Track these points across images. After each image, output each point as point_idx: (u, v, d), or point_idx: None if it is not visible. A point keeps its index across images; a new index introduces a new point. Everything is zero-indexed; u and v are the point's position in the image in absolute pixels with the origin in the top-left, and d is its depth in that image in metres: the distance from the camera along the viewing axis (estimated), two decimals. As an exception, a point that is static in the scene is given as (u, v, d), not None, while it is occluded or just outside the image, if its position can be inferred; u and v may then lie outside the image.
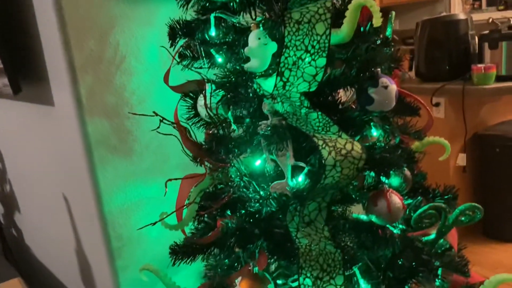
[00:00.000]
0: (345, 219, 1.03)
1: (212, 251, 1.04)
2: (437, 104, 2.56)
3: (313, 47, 0.86)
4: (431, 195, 1.06)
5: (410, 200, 0.99)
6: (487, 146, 2.64)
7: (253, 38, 0.88)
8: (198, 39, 0.97)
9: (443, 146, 1.14)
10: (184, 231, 1.03)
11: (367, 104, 0.93)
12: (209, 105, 0.96)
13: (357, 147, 0.85)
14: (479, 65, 2.48)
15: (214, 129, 1.01)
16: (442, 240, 1.04)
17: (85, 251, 1.56)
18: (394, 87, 0.93)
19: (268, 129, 0.88)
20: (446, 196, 1.06)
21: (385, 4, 4.37)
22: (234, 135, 0.99)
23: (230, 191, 0.93)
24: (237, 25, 0.95)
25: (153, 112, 0.93)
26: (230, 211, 1.06)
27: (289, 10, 0.87)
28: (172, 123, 0.98)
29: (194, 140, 0.99)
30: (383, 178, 0.94)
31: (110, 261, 1.36)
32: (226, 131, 0.98)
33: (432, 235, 1.06)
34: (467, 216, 1.00)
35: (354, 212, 1.07)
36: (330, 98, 0.98)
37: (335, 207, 1.00)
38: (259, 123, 0.92)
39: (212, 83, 0.95)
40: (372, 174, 0.95)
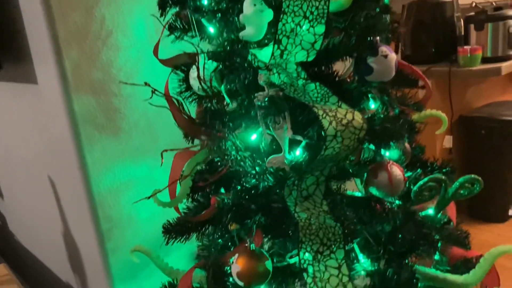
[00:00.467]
0: (341, 194, 1.02)
1: (207, 229, 1.01)
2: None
3: (311, 13, 0.83)
4: (429, 168, 1.04)
5: (410, 173, 0.97)
6: (472, 128, 2.66)
7: (248, 5, 0.84)
8: (190, 7, 0.93)
9: (432, 125, 1.12)
10: (178, 210, 1.00)
11: (366, 74, 0.91)
12: (202, 77, 0.92)
13: (358, 117, 0.82)
14: (465, 47, 2.48)
15: (207, 103, 0.98)
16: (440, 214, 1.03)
17: (73, 234, 1.52)
18: (394, 56, 0.90)
19: (266, 100, 0.85)
20: (444, 170, 1.04)
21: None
22: (229, 108, 0.96)
23: (227, 164, 0.89)
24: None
25: (144, 83, 0.89)
26: (224, 189, 1.03)
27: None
28: (164, 95, 0.94)
29: (187, 113, 0.95)
30: (383, 151, 0.91)
31: (99, 243, 1.32)
32: (220, 105, 0.95)
33: (427, 210, 1.04)
34: (466, 189, 0.99)
35: (348, 190, 1.05)
36: (327, 70, 0.95)
37: (331, 182, 0.97)
38: (256, 94, 0.88)
39: (206, 54, 0.91)
40: (371, 147, 0.92)
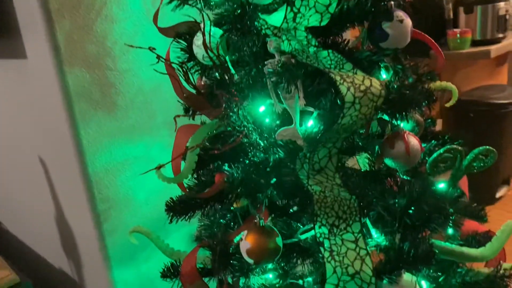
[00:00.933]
0: (351, 168, 0.99)
1: (213, 206, 0.97)
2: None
3: (326, -28, 0.78)
4: (441, 141, 1.01)
5: (424, 144, 0.94)
6: (462, 112, 2.65)
7: (258, -35, 0.79)
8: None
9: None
10: (183, 186, 0.95)
11: (381, 41, 0.86)
12: (208, 44, 0.86)
13: (375, 83, 0.78)
14: (454, 29, 2.47)
15: (213, 72, 0.92)
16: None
17: (68, 217, 1.45)
18: (409, 21, 0.86)
19: (279, 66, 0.80)
20: (456, 142, 1.01)
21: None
22: (236, 79, 0.91)
23: (239, 135, 0.85)
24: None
25: (148, 48, 0.83)
26: (228, 166, 0.99)
27: None
28: (167, 61, 0.89)
29: (193, 83, 0.90)
30: (398, 121, 0.88)
31: (96, 225, 1.26)
32: (227, 74, 0.90)
33: (438, 183, 1.02)
34: (479, 161, 0.97)
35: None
36: (336, 39, 0.91)
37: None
38: (266, 62, 0.83)
39: (213, 17, 0.86)
40: (385, 117, 0.89)
